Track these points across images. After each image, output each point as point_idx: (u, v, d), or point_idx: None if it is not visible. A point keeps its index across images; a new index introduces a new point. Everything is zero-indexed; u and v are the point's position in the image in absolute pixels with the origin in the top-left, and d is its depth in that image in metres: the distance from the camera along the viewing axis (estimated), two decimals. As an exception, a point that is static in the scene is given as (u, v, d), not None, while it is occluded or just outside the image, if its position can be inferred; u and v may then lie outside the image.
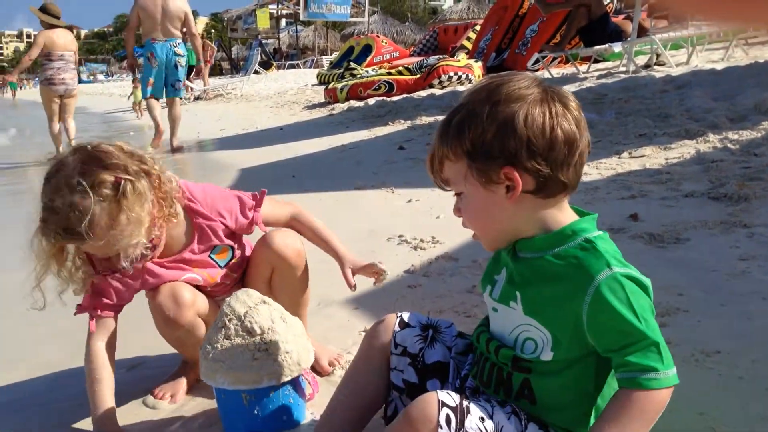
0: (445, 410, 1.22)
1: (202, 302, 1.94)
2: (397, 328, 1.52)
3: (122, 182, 1.68)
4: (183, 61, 8.38)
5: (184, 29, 8.44)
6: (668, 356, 1.20)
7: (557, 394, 1.31)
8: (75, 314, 1.91)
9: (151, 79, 8.29)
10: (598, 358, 1.27)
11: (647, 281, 1.24)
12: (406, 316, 1.55)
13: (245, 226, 1.99)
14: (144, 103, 12.75)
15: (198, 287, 1.99)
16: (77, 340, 2.55)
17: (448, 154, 1.32)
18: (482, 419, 1.25)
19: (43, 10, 8.86)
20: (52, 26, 8.92)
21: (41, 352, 2.49)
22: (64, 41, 8.90)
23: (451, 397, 1.25)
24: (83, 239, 1.66)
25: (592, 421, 1.29)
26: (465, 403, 1.25)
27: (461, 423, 1.22)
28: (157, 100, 8.59)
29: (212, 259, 1.99)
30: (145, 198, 1.72)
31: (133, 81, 17.37)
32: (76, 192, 1.64)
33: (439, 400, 1.23)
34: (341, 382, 1.60)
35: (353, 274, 1.98)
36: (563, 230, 1.29)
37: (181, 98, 8.84)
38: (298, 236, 2.03)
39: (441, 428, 1.21)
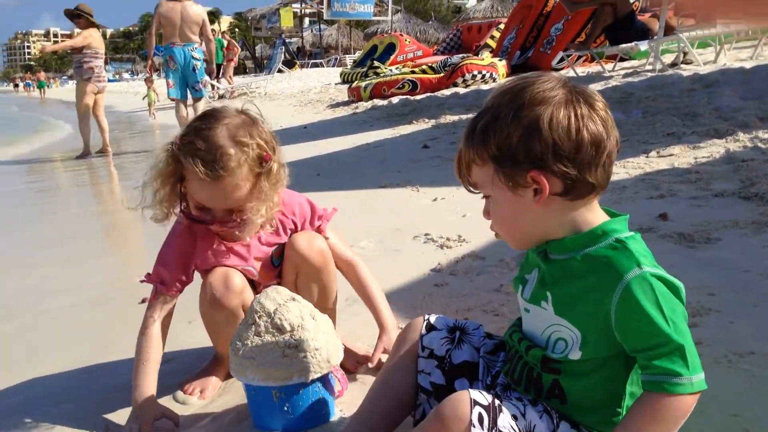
0: (477, 408, 1.22)
1: (249, 294, 1.96)
2: (423, 332, 1.54)
3: (270, 160, 1.83)
4: (199, 64, 8.91)
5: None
6: (695, 361, 1.18)
7: (587, 395, 1.30)
8: (141, 281, 1.98)
9: (171, 81, 8.87)
10: (628, 359, 1.27)
11: (679, 284, 1.22)
12: (432, 319, 1.56)
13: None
14: (156, 104, 13.15)
15: (250, 282, 2.02)
16: (101, 338, 2.60)
17: (474, 159, 1.32)
18: (515, 417, 1.25)
19: (82, 9, 9.33)
20: (92, 25, 9.45)
21: (65, 350, 2.52)
22: (101, 41, 9.56)
23: (483, 396, 1.24)
24: (208, 179, 1.75)
25: (617, 419, 1.28)
26: (497, 401, 1.25)
27: (494, 421, 1.22)
28: (184, 102, 9.05)
29: (272, 255, 2.03)
30: (279, 184, 1.88)
31: (146, 80, 17.64)
32: (234, 141, 1.77)
33: (471, 399, 1.23)
34: (374, 382, 1.61)
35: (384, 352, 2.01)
36: (594, 231, 1.28)
37: (204, 97, 9.29)
38: (323, 238, 2.04)
39: (474, 427, 1.20)
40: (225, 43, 22.02)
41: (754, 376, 1.72)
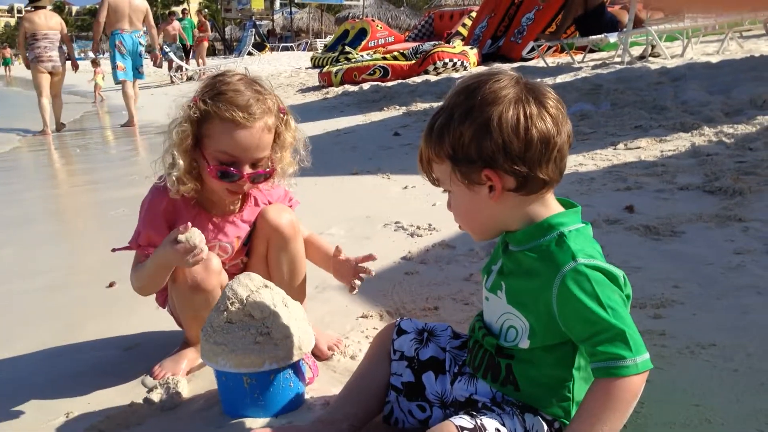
0: None
1: (224, 275, 1.97)
2: (394, 336, 1.61)
3: (286, 113, 1.93)
4: (143, 50, 10.22)
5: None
6: (637, 342, 1.23)
7: (538, 382, 1.36)
8: (126, 248, 1.96)
9: (122, 64, 9.95)
10: (576, 347, 1.32)
11: (617, 272, 1.28)
12: (402, 323, 1.62)
13: None
14: (101, 87, 14.89)
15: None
16: (67, 321, 2.57)
17: (433, 157, 1.38)
18: (498, 430, 1.30)
19: None
20: (37, 8, 9.92)
21: (28, 334, 2.48)
22: (47, 22, 9.91)
23: (465, 420, 1.30)
24: (247, 123, 1.80)
25: (574, 408, 1.34)
26: (479, 421, 1.30)
27: None
28: (132, 82, 10.23)
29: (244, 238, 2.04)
30: (292, 137, 1.95)
31: (93, 62, 17.64)
32: (256, 91, 1.84)
33: (456, 426, 1.28)
34: (350, 377, 1.67)
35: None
36: (541, 224, 1.34)
37: (143, 79, 10.87)
38: (292, 211, 2.07)
39: None
40: (195, 23, 21.68)
41: (715, 367, 1.76)
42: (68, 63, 10.26)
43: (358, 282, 1.96)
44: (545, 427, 1.36)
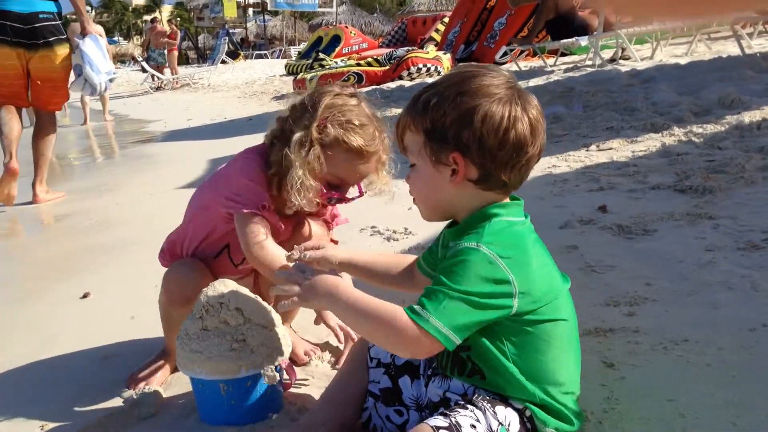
0: None
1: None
2: (370, 344, 1.61)
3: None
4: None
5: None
6: (447, 311, 1.25)
7: (494, 367, 1.37)
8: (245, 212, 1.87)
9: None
10: (507, 329, 1.34)
11: (507, 277, 1.28)
12: None
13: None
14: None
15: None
16: (41, 332, 2.54)
17: (410, 125, 1.43)
18: (473, 426, 1.31)
19: None
20: None
21: (5, 344, 2.46)
22: None
23: (440, 420, 1.31)
24: (364, 153, 1.81)
25: (532, 387, 1.36)
26: (453, 419, 1.30)
27: None
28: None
29: None
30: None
31: None
32: (379, 123, 1.86)
33: (432, 427, 1.29)
34: (329, 385, 1.68)
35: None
36: (477, 214, 1.39)
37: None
38: (326, 230, 2.09)
39: None
40: (168, 32, 21.53)
41: (688, 362, 1.79)
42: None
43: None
44: (517, 416, 1.36)
